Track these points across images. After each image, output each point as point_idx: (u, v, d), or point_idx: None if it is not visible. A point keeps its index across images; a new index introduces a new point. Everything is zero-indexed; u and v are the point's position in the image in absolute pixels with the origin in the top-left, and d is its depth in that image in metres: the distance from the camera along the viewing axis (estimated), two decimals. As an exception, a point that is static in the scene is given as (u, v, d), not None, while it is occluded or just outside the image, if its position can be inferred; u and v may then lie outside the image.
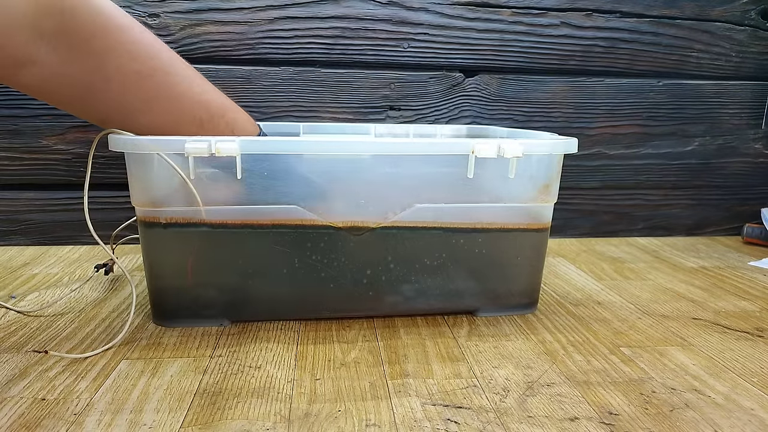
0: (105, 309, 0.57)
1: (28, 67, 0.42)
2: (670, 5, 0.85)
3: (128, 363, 0.46)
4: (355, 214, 0.51)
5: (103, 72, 0.44)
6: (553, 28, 0.83)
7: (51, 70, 0.43)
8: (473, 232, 0.53)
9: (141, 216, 0.50)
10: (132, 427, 0.37)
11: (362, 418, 0.38)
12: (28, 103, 0.76)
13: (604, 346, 0.51)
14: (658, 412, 0.40)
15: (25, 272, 0.68)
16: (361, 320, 0.55)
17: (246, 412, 0.39)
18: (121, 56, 0.44)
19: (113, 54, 0.44)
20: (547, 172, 0.53)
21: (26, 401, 0.40)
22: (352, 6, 0.78)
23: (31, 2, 0.40)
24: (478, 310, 0.57)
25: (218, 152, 0.46)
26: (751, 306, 0.62)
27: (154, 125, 0.48)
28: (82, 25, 0.42)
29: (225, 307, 0.52)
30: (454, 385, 0.43)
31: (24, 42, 0.40)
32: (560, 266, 0.75)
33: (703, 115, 0.90)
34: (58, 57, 0.43)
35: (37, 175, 0.78)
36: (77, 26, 0.42)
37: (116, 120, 0.48)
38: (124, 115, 0.47)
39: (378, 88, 0.82)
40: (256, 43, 0.78)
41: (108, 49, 0.44)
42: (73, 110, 0.49)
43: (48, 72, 0.43)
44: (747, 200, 0.95)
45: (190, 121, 0.48)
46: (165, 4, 0.75)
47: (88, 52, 0.43)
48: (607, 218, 0.92)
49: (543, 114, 0.86)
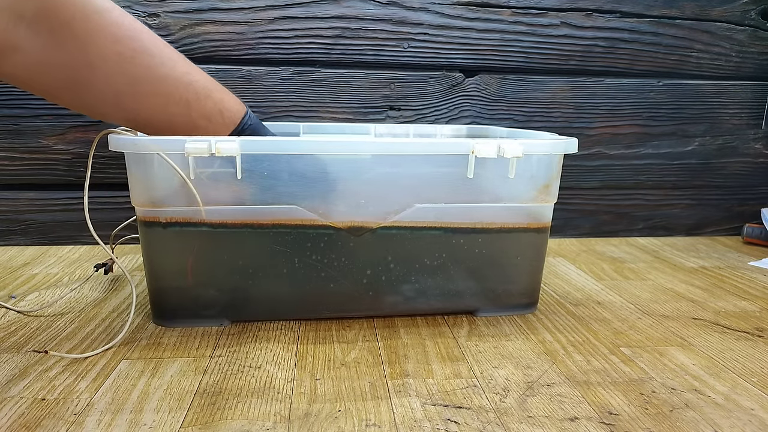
0: (105, 309, 0.57)
1: (10, 54, 0.42)
2: (670, 5, 0.85)
3: (128, 363, 0.46)
4: (355, 214, 0.51)
5: (86, 55, 0.44)
6: (553, 28, 0.83)
7: (34, 56, 0.43)
8: (473, 232, 0.53)
9: (141, 216, 0.50)
10: (132, 427, 0.37)
11: (362, 418, 0.38)
12: (29, 103, 0.76)
13: (604, 346, 0.51)
14: (658, 412, 0.40)
15: (25, 272, 0.68)
16: (361, 320, 0.55)
17: (246, 412, 0.39)
18: (103, 38, 0.44)
19: (95, 36, 0.44)
20: (547, 172, 0.53)
21: (26, 401, 0.40)
22: (352, 6, 0.78)
23: None
24: (478, 310, 0.57)
25: (218, 152, 0.46)
26: (751, 306, 0.62)
27: (143, 109, 0.47)
28: (61, 7, 0.42)
29: (225, 307, 0.52)
30: (454, 385, 0.43)
31: (4, 27, 0.40)
32: (560, 266, 0.75)
33: (703, 115, 0.90)
34: (40, 42, 0.42)
35: (37, 175, 0.78)
36: (57, 9, 0.42)
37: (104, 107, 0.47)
38: (111, 101, 0.47)
39: (378, 88, 0.82)
40: (256, 43, 0.78)
41: (89, 32, 0.44)
42: (61, 100, 0.48)
43: (31, 59, 0.43)
44: (747, 200, 0.95)
45: (177, 102, 0.48)
46: (165, 4, 0.75)
47: (70, 35, 0.43)
48: (607, 218, 0.92)
49: (543, 114, 0.86)
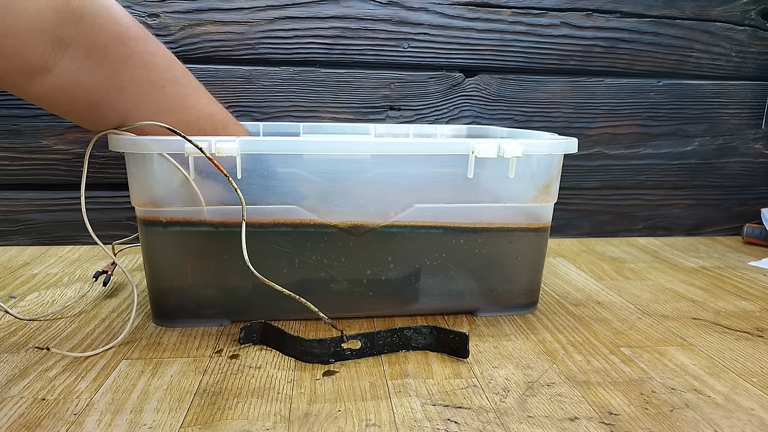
0: (105, 309, 0.57)
1: (42, 74, 0.42)
2: (670, 5, 0.85)
3: (128, 363, 0.46)
4: (355, 214, 0.51)
5: (118, 81, 0.44)
6: (553, 28, 0.83)
7: (66, 78, 0.43)
8: (473, 232, 0.53)
9: (141, 216, 0.50)
10: (132, 427, 0.37)
11: (362, 418, 0.38)
12: (29, 103, 0.75)
13: (604, 346, 0.51)
14: (658, 412, 0.40)
15: (25, 272, 0.68)
16: (361, 320, 0.55)
17: (246, 412, 0.39)
18: (136, 66, 0.44)
19: (129, 63, 0.44)
20: (547, 172, 0.53)
21: (26, 401, 0.40)
22: (352, 6, 0.78)
23: (52, 7, 0.40)
24: (478, 310, 0.57)
25: (218, 152, 0.46)
26: (751, 306, 0.62)
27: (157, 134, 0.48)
28: (99, 32, 0.42)
29: (225, 307, 0.52)
30: (454, 385, 0.43)
31: (42, 48, 0.40)
32: (560, 266, 0.75)
33: (703, 115, 0.90)
34: (74, 65, 0.42)
35: (37, 175, 0.78)
36: (95, 34, 0.42)
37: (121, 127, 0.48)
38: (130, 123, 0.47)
39: (378, 88, 0.82)
40: (256, 43, 0.78)
41: (124, 58, 0.44)
42: (81, 120, 0.48)
43: (62, 80, 0.43)
44: (747, 200, 0.95)
45: (195, 132, 0.49)
46: (165, 4, 0.75)
47: (105, 60, 0.43)
48: (607, 218, 0.92)
49: (543, 114, 0.86)
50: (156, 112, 0.46)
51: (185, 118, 0.48)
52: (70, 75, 0.43)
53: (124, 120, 0.47)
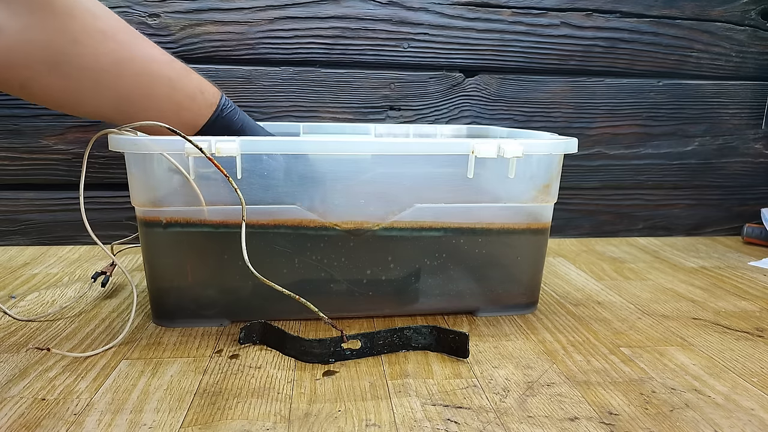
0: (105, 309, 0.57)
1: None
2: (670, 5, 0.85)
3: (128, 363, 0.46)
4: (355, 214, 0.51)
5: (69, 33, 0.44)
6: (553, 28, 0.83)
7: (16, 36, 0.42)
8: (473, 232, 0.53)
9: (141, 216, 0.50)
10: (132, 427, 0.37)
11: (362, 418, 0.38)
12: (28, 103, 0.75)
13: (604, 346, 0.51)
14: (658, 412, 0.40)
15: (25, 272, 0.68)
16: (361, 320, 0.55)
17: (246, 412, 0.39)
18: (84, 14, 0.44)
19: (76, 12, 0.44)
20: (547, 172, 0.53)
21: (26, 401, 0.40)
22: (352, 6, 0.78)
23: None
24: (478, 310, 0.57)
25: (218, 152, 0.46)
26: (751, 306, 0.62)
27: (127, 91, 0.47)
28: None
29: (225, 307, 0.52)
30: (454, 385, 0.43)
31: None
32: (560, 266, 0.75)
33: (703, 115, 0.90)
34: (20, 22, 0.42)
35: (37, 175, 0.78)
36: None
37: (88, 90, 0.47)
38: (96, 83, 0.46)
39: (378, 88, 0.82)
40: (256, 43, 0.78)
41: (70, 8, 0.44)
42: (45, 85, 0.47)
43: (13, 39, 0.42)
44: (747, 200, 0.95)
45: (160, 79, 0.48)
46: (165, 4, 0.75)
47: (51, 13, 0.43)
48: (607, 218, 0.92)
49: (543, 114, 0.86)
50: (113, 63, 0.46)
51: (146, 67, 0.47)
52: (19, 33, 0.42)
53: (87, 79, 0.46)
